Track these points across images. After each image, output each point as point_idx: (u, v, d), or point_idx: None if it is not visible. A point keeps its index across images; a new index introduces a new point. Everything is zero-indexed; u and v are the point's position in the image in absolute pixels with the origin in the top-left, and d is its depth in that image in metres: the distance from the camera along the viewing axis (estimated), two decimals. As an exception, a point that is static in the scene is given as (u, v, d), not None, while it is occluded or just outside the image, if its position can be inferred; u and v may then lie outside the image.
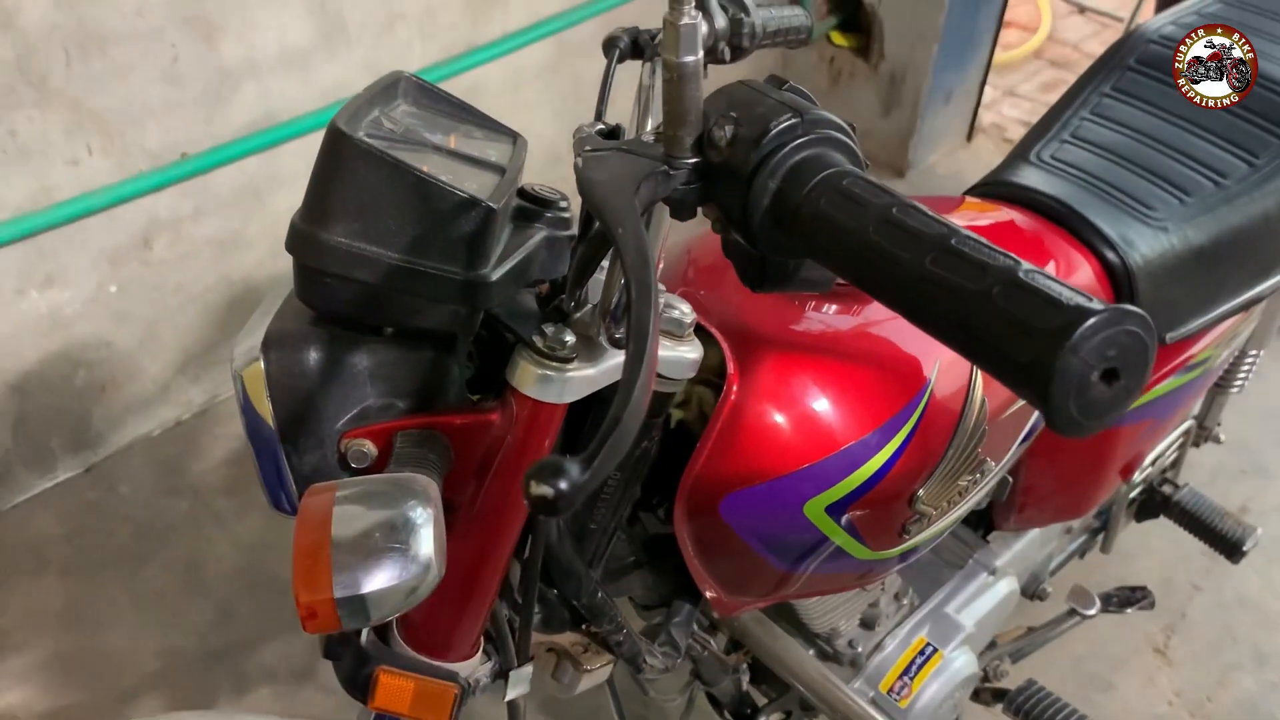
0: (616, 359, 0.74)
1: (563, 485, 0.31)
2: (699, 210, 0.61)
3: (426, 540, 0.62)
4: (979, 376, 0.93)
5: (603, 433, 0.32)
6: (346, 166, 0.64)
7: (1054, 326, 0.34)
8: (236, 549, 1.95)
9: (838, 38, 2.93)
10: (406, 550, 0.61)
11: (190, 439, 2.17)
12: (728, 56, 0.78)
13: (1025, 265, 0.37)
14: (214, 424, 2.21)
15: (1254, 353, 1.59)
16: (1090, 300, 0.34)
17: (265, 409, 0.71)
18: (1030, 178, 1.18)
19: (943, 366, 0.90)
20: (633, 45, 0.82)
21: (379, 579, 0.61)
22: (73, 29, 1.67)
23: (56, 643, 1.79)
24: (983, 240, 0.38)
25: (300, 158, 2.04)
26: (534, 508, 0.31)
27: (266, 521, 1.96)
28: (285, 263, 0.69)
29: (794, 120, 0.48)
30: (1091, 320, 0.33)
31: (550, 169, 2.54)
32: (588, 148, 0.55)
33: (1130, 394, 0.34)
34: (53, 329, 1.91)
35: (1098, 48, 3.61)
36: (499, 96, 2.38)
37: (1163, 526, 1.75)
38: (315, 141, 0.66)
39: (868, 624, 1.21)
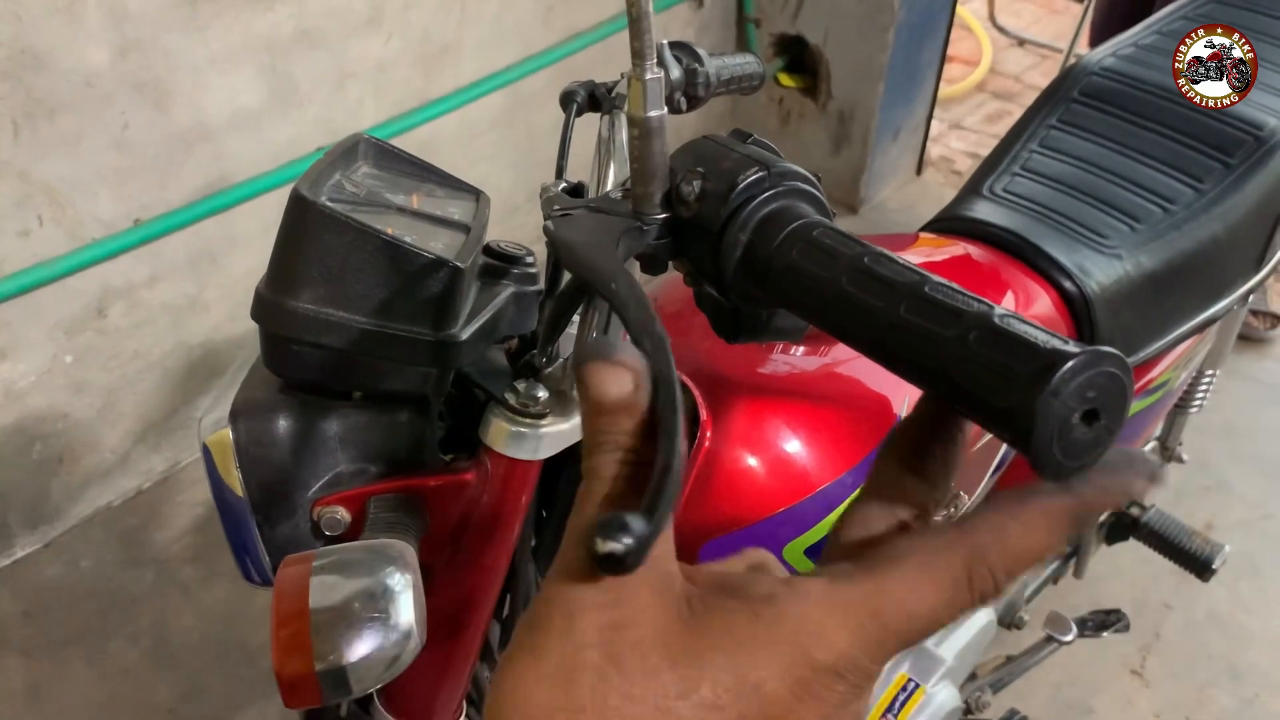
0: (590, 412, 0.73)
1: (629, 541, 0.30)
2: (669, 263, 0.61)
3: (406, 607, 0.61)
4: (947, 411, 0.94)
5: (655, 483, 0.31)
6: (311, 233, 0.64)
7: (1032, 370, 0.34)
8: (204, 619, 1.90)
9: (785, 79, 2.97)
10: (387, 619, 0.61)
11: (152, 508, 2.13)
12: (684, 106, 0.79)
13: (999, 310, 0.37)
14: (176, 491, 2.16)
15: (1211, 372, 1.62)
16: (1066, 343, 0.34)
17: (234, 479, 0.70)
18: (984, 211, 1.20)
19: (912, 402, 0.91)
20: (590, 99, 0.83)
21: (360, 649, 0.60)
22: (20, 99, 1.65)
23: (19, 726, 1.74)
24: (956, 286, 0.39)
25: (256, 219, 2.02)
26: (603, 567, 0.30)
27: (233, 589, 1.92)
28: (244, 325, 0.68)
29: (761, 173, 0.48)
30: (1070, 363, 0.33)
31: (508, 218, 2.55)
32: (556, 208, 0.55)
33: (1111, 434, 0.34)
34: (6, 403, 1.87)
35: (1038, 78, 3.70)
36: (454, 149, 2.39)
37: (1132, 547, 1.76)
38: (271, 202, 0.65)
39: (849, 663, 1.21)
